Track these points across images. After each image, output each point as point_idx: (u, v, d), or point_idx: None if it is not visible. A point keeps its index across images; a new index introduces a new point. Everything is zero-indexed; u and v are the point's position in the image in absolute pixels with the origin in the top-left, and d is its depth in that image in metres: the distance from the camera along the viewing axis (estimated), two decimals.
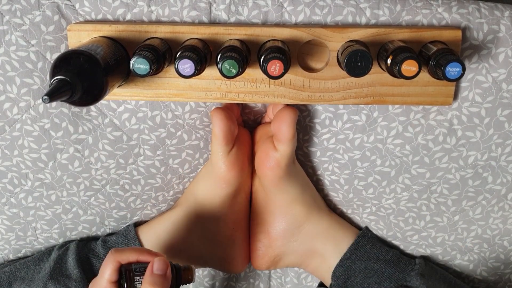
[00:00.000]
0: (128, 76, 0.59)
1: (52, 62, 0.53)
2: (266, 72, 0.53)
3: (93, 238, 0.73)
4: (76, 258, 0.67)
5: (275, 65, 0.53)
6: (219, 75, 0.54)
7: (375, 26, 0.59)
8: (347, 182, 0.69)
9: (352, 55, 0.53)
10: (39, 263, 0.69)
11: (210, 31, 0.58)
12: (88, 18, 0.59)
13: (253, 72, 0.59)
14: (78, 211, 0.70)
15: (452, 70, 0.53)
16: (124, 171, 0.67)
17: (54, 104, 0.62)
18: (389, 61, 0.54)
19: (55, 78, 0.48)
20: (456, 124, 0.63)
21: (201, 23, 0.59)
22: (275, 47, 0.54)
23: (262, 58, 0.54)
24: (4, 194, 0.68)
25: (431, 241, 0.71)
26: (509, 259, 0.72)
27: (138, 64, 0.53)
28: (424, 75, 0.58)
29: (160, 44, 0.56)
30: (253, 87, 0.60)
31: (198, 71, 0.54)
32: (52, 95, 0.46)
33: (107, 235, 0.73)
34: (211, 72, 0.59)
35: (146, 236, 0.69)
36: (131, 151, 0.66)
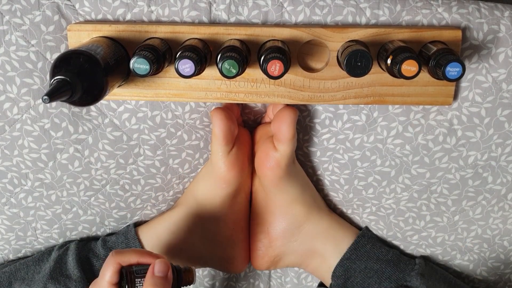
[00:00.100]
0: (128, 76, 0.58)
1: (52, 62, 0.53)
2: (266, 72, 0.53)
3: (93, 238, 0.73)
4: (76, 258, 0.67)
5: (275, 65, 0.53)
6: (219, 75, 0.54)
7: (375, 26, 0.59)
8: (347, 182, 0.69)
9: (352, 55, 0.53)
10: (39, 263, 0.69)
11: (210, 31, 0.58)
12: (88, 18, 0.59)
13: (253, 72, 0.59)
14: (78, 211, 0.70)
15: (452, 70, 0.52)
16: (124, 171, 0.67)
17: (54, 104, 0.62)
18: (389, 61, 0.54)
19: (55, 78, 0.48)
20: (456, 124, 0.63)
21: (201, 23, 0.59)
22: (275, 47, 0.54)
23: (262, 58, 0.54)
24: (4, 194, 0.68)
25: (431, 241, 0.71)
26: (509, 259, 0.72)
27: (138, 64, 0.53)
28: (424, 75, 0.58)
29: (160, 44, 0.56)
30: (253, 87, 0.60)
31: (198, 71, 0.54)
32: (52, 95, 0.46)
33: (107, 235, 0.72)
34: (211, 72, 0.59)
35: (146, 236, 0.69)
36: (131, 151, 0.66)
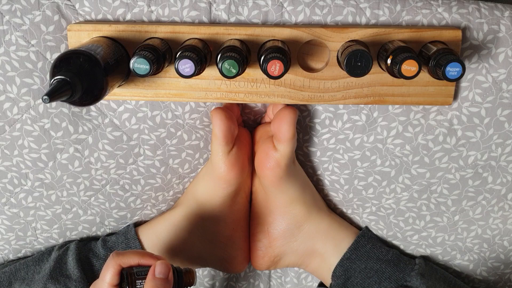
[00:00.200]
0: (128, 76, 0.58)
1: (52, 62, 0.53)
2: (266, 72, 0.53)
3: (93, 238, 0.73)
4: (76, 258, 0.67)
5: (275, 65, 0.53)
6: (219, 75, 0.54)
7: (375, 26, 0.59)
8: (347, 182, 0.69)
9: (352, 55, 0.53)
10: (39, 263, 0.69)
11: (210, 31, 0.58)
12: (88, 18, 0.59)
13: (253, 72, 0.59)
14: (78, 211, 0.70)
15: (452, 70, 0.52)
16: (124, 171, 0.67)
17: (54, 104, 0.62)
18: (389, 61, 0.54)
19: (55, 78, 0.48)
20: (456, 124, 0.63)
21: (201, 23, 0.59)
22: (275, 47, 0.54)
23: (262, 58, 0.54)
24: (4, 194, 0.68)
25: (431, 241, 0.71)
26: (509, 259, 0.72)
27: (138, 64, 0.53)
28: (424, 75, 0.58)
29: (160, 44, 0.56)
30: (253, 87, 0.60)
31: (198, 71, 0.54)
32: (52, 95, 0.46)
33: (107, 235, 0.72)
34: (211, 72, 0.59)
35: (146, 236, 0.69)
36: (131, 151, 0.66)
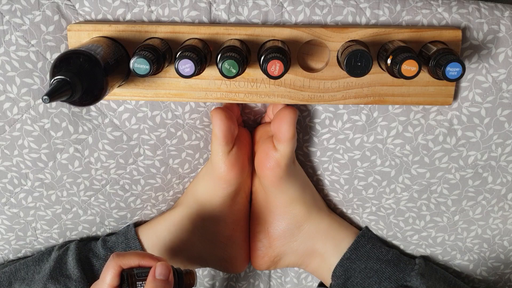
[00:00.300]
0: (128, 76, 0.58)
1: (52, 62, 0.53)
2: (266, 72, 0.53)
3: (93, 238, 0.73)
4: (76, 258, 0.67)
5: (275, 65, 0.53)
6: (219, 75, 0.54)
7: (375, 26, 0.59)
8: (347, 182, 0.69)
9: (352, 55, 0.53)
10: (39, 263, 0.69)
11: (210, 31, 0.58)
12: (88, 18, 0.59)
13: (253, 72, 0.59)
14: (78, 211, 0.70)
15: (452, 70, 0.52)
16: (124, 171, 0.67)
17: (54, 104, 0.62)
18: (389, 61, 0.54)
19: (55, 78, 0.48)
20: (456, 124, 0.63)
21: (201, 23, 0.59)
22: (275, 47, 0.54)
23: (262, 58, 0.54)
24: (4, 194, 0.68)
25: (431, 241, 0.71)
26: (509, 259, 0.72)
27: (138, 64, 0.53)
28: (424, 75, 0.58)
29: (160, 44, 0.56)
30: (253, 87, 0.60)
31: (198, 71, 0.54)
32: (52, 95, 0.46)
33: (107, 235, 0.72)
34: (211, 72, 0.59)
35: (146, 236, 0.69)
36: (131, 151, 0.66)
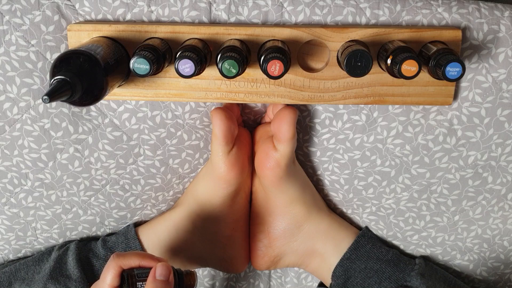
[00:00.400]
0: (128, 76, 0.58)
1: (52, 62, 0.53)
2: (266, 72, 0.53)
3: (93, 238, 0.73)
4: (76, 258, 0.67)
5: (275, 65, 0.53)
6: (219, 75, 0.54)
7: (375, 26, 0.59)
8: (347, 182, 0.69)
9: (352, 55, 0.53)
10: (39, 263, 0.69)
11: (210, 31, 0.57)
12: (88, 18, 0.59)
13: (253, 72, 0.59)
14: (78, 211, 0.70)
15: (452, 70, 0.52)
16: (124, 171, 0.67)
17: (54, 104, 0.62)
18: (389, 61, 0.54)
19: (55, 78, 0.48)
20: (456, 124, 0.63)
21: (201, 23, 0.59)
22: (275, 47, 0.54)
23: (262, 58, 0.54)
24: (4, 194, 0.68)
25: (431, 241, 0.71)
26: (509, 259, 0.72)
27: (138, 64, 0.53)
28: (424, 75, 0.58)
29: (160, 44, 0.56)
30: (253, 87, 0.60)
31: (198, 71, 0.54)
32: (52, 95, 0.46)
33: (107, 235, 0.72)
34: (211, 72, 0.59)
35: (146, 236, 0.69)
36: (131, 151, 0.66)
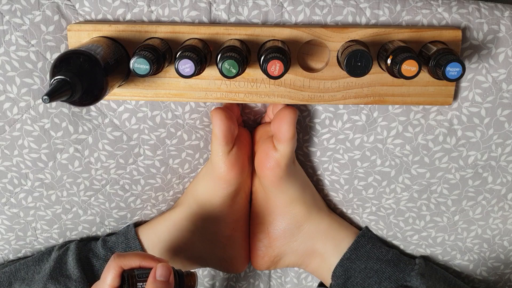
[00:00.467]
0: (128, 76, 0.58)
1: (52, 62, 0.53)
2: (266, 72, 0.53)
3: (93, 238, 0.73)
4: (76, 258, 0.67)
5: (275, 65, 0.53)
6: (219, 75, 0.54)
7: (375, 26, 0.59)
8: (347, 182, 0.69)
9: (352, 55, 0.53)
10: (39, 263, 0.69)
11: (210, 31, 0.58)
12: (88, 18, 0.59)
13: (253, 72, 0.59)
14: (78, 211, 0.70)
15: (452, 70, 0.52)
16: (124, 171, 0.67)
17: (54, 104, 0.62)
18: (389, 61, 0.54)
19: (55, 78, 0.48)
20: (456, 124, 0.63)
21: (201, 23, 0.59)
22: (275, 47, 0.54)
23: (262, 58, 0.54)
24: (4, 194, 0.68)
25: (431, 241, 0.71)
26: (509, 259, 0.72)
27: (138, 64, 0.53)
28: (424, 75, 0.58)
29: (160, 44, 0.56)
30: (253, 87, 0.60)
31: (198, 71, 0.54)
32: (52, 95, 0.46)
33: (107, 235, 0.72)
34: (211, 72, 0.59)
35: (146, 236, 0.69)
36: (131, 151, 0.66)
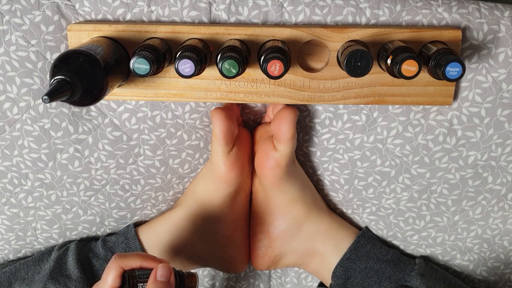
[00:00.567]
0: (128, 76, 0.58)
1: (52, 62, 0.53)
2: (266, 72, 0.53)
3: (93, 238, 0.73)
4: (76, 258, 0.67)
5: (275, 65, 0.53)
6: (219, 75, 0.54)
7: (375, 26, 0.59)
8: (347, 182, 0.69)
9: (352, 55, 0.53)
10: (39, 263, 0.69)
11: (210, 31, 0.58)
12: (88, 18, 0.59)
13: (253, 72, 0.59)
14: (78, 211, 0.70)
15: (452, 70, 0.53)
16: (124, 171, 0.67)
17: (54, 104, 0.62)
18: (389, 61, 0.54)
19: (55, 78, 0.48)
20: (456, 124, 0.63)
21: (201, 23, 0.59)
22: (275, 47, 0.54)
23: (262, 58, 0.54)
24: (4, 194, 0.68)
25: (431, 241, 0.71)
26: (509, 259, 0.72)
27: (138, 64, 0.53)
28: (424, 75, 0.58)
29: (160, 44, 0.56)
30: (253, 87, 0.60)
31: (198, 71, 0.54)
32: (52, 95, 0.46)
33: (107, 235, 0.72)
34: (211, 72, 0.59)
35: (146, 236, 0.69)
36: (131, 151, 0.66)
